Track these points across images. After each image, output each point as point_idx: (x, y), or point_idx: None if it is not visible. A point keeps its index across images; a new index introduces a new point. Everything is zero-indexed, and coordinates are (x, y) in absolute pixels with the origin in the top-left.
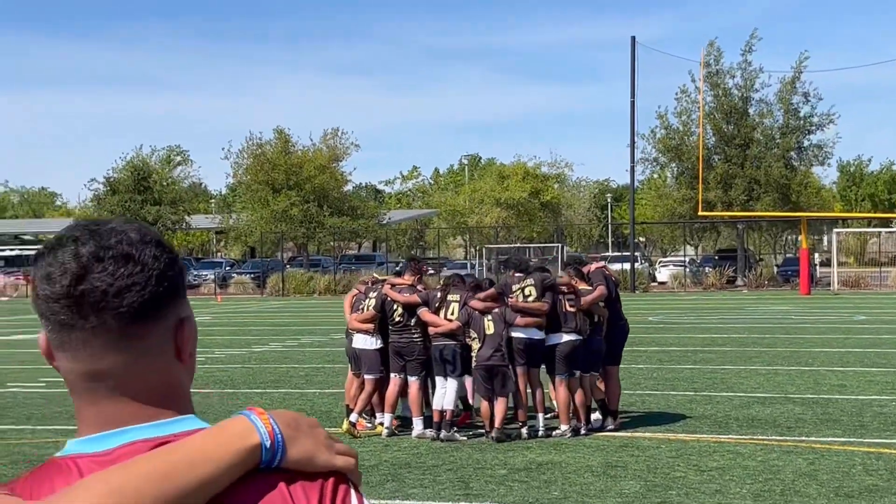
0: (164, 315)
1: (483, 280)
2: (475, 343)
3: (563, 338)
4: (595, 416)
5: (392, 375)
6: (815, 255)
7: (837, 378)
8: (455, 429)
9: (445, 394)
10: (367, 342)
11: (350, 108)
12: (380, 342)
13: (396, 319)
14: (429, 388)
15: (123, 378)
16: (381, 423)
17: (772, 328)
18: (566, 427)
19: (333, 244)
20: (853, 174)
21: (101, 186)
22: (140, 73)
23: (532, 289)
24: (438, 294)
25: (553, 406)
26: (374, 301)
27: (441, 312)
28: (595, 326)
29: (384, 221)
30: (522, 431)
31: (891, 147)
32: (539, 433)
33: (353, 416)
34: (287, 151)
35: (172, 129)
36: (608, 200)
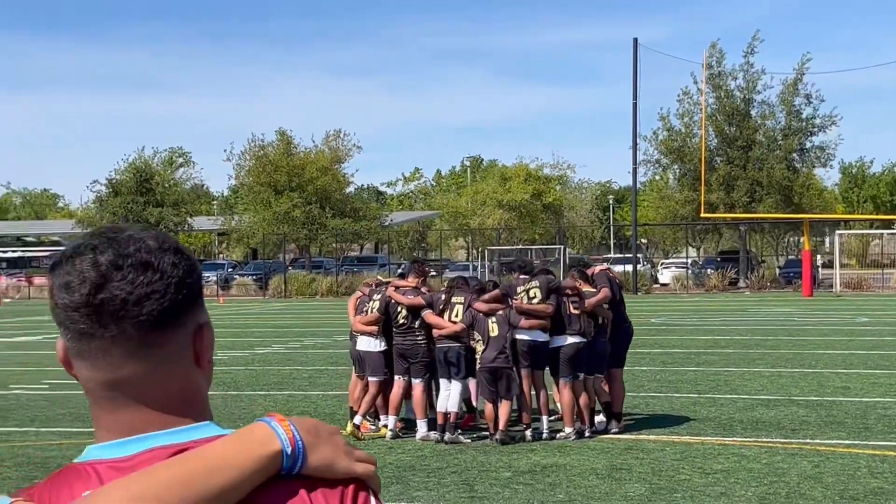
0: (184, 322)
1: (486, 283)
2: (479, 345)
3: (568, 340)
4: (599, 419)
5: (396, 378)
6: (818, 257)
7: (841, 380)
8: (459, 431)
9: (449, 396)
10: (371, 344)
11: (352, 110)
12: (384, 344)
13: (400, 322)
14: (432, 391)
15: (143, 386)
16: (385, 426)
17: (774, 330)
18: (570, 429)
19: (335, 246)
20: (855, 176)
21: (104, 188)
22: (142, 75)
23: (537, 291)
24: (442, 296)
25: (557, 408)
26: (378, 303)
27: (445, 314)
28: (599, 329)
29: (386, 223)
30: (526, 434)
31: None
32: (543, 435)
33: (357, 419)
34: (289, 153)
35: (174, 131)
36: (610, 202)
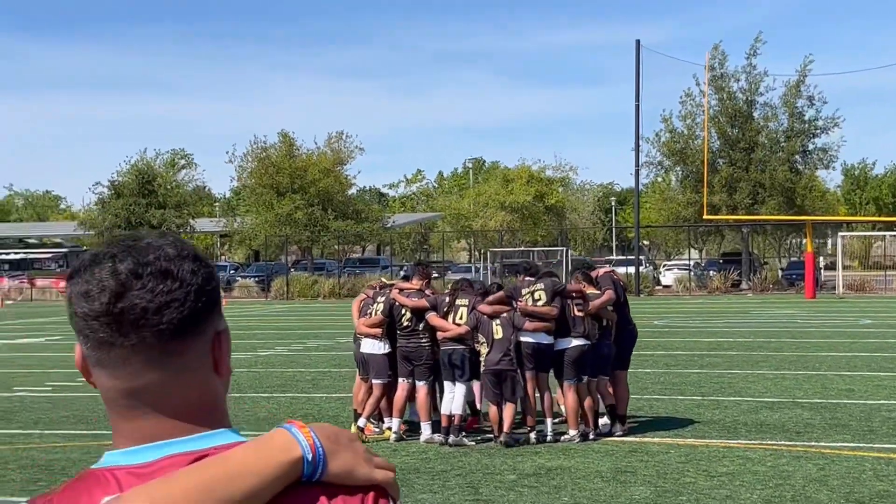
0: (203, 330)
1: (490, 286)
2: (483, 347)
3: (572, 342)
4: (603, 421)
5: (400, 380)
6: (820, 259)
7: (845, 382)
8: (463, 434)
9: (454, 398)
10: (376, 347)
11: (354, 112)
12: (388, 347)
13: (405, 324)
14: (436, 393)
15: (162, 394)
16: (390, 428)
17: (778, 332)
18: (574, 432)
19: (338, 248)
20: (858, 178)
21: (106, 190)
22: (144, 77)
23: (542, 293)
24: (447, 298)
25: (561, 411)
26: (383, 306)
27: (449, 317)
28: (604, 331)
29: (388, 225)
30: (531, 436)
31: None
32: (547, 438)
33: (362, 421)
34: (291, 155)
35: (177, 133)
36: (612, 204)
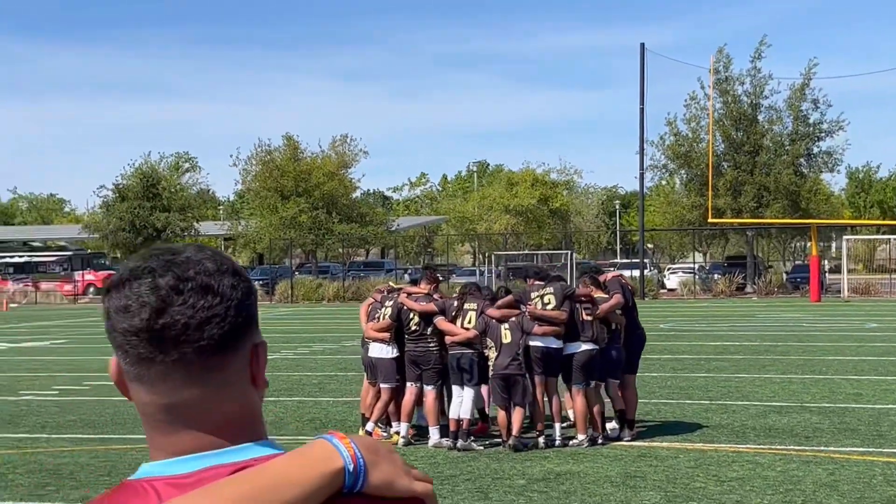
0: (242, 345)
1: (498, 290)
2: (492, 352)
3: (581, 347)
4: (611, 426)
5: (408, 384)
6: (825, 262)
7: (853, 387)
8: (472, 438)
9: (462, 403)
10: (383, 351)
11: (359, 115)
12: (396, 351)
13: (413, 328)
14: (445, 397)
15: (202, 410)
16: (398, 433)
17: (784, 336)
18: (583, 436)
19: (342, 251)
20: (862, 181)
21: (110, 193)
22: (148, 80)
23: (552, 297)
24: (455, 303)
25: (569, 415)
26: (390, 310)
27: (458, 321)
28: (613, 335)
29: (393, 228)
30: (539, 441)
31: None
32: (556, 442)
33: (369, 426)
34: (296, 158)
35: (181, 136)
36: (617, 207)
